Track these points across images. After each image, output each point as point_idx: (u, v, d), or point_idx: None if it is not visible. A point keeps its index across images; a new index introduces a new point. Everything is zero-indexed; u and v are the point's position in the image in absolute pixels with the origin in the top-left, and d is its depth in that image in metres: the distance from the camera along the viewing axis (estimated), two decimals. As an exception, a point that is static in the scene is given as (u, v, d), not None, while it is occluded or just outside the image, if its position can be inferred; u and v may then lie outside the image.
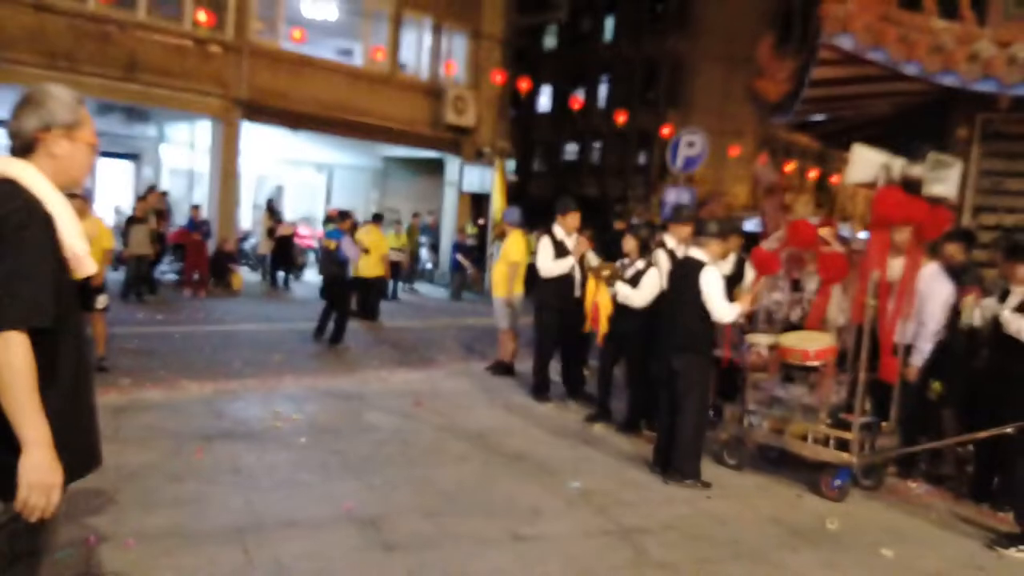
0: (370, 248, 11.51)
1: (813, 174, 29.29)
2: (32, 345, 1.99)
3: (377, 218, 12.81)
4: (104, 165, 18.08)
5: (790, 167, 24.26)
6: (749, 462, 5.93)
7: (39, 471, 1.98)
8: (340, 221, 10.48)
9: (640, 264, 6.66)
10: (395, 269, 15.34)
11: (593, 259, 7.43)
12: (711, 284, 5.39)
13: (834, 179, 26.27)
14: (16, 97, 2.22)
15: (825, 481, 5.38)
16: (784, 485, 5.64)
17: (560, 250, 7.65)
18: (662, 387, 5.65)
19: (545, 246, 7.70)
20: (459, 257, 17.27)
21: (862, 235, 5.99)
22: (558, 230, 7.77)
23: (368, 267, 11.54)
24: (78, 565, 3.59)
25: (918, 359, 5.70)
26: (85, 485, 4.31)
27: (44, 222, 2.08)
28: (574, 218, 7.70)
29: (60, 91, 2.22)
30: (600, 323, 6.82)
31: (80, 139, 2.23)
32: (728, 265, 6.75)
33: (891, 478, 5.87)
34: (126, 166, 19.02)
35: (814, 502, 5.35)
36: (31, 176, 2.12)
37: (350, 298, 10.65)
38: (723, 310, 5.40)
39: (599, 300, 6.82)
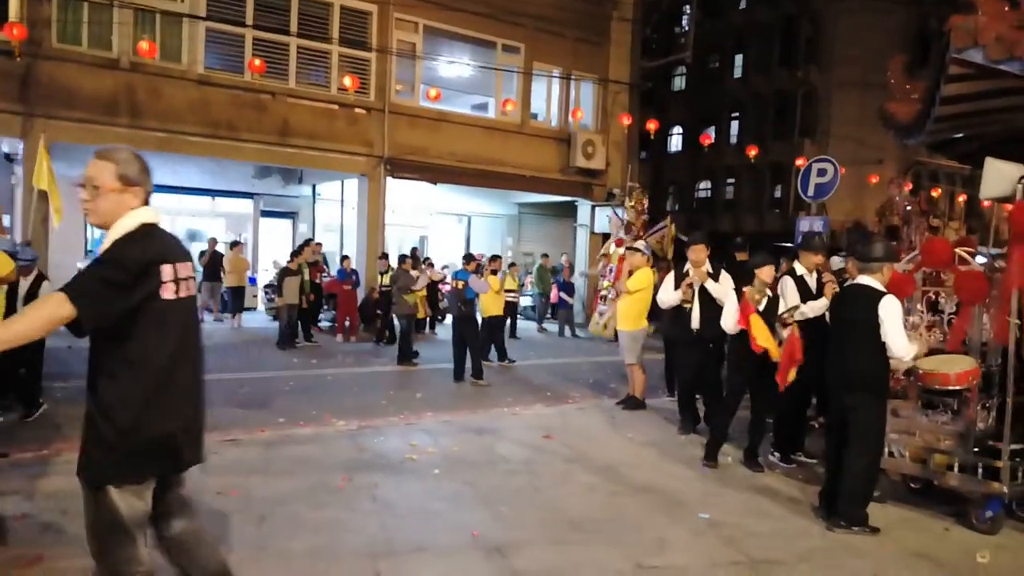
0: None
1: (962, 198, 27.39)
2: None
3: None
4: (265, 224, 19.66)
5: (937, 192, 22.74)
6: (891, 493, 5.64)
7: None
8: (466, 263, 10.99)
9: (769, 293, 6.54)
10: (511, 309, 15.79)
11: (715, 291, 7.34)
12: (892, 316, 4.91)
13: (986, 202, 24.38)
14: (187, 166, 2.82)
15: (975, 513, 5.06)
16: (930, 517, 5.34)
17: (680, 283, 7.71)
18: (830, 428, 5.34)
19: (669, 278, 7.82)
20: (563, 295, 17.50)
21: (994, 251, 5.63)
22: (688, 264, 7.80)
23: (486, 307, 11.84)
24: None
25: None
26: (235, 511, 4.81)
27: None
28: (695, 251, 7.65)
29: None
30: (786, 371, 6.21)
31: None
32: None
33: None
34: (285, 224, 20.59)
35: (963, 535, 5.04)
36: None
37: (479, 334, 11.00)
38: (903, 347, 4.92)
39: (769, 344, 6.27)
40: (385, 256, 14.82)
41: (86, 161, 2.84)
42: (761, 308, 6.35)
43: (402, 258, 12.93)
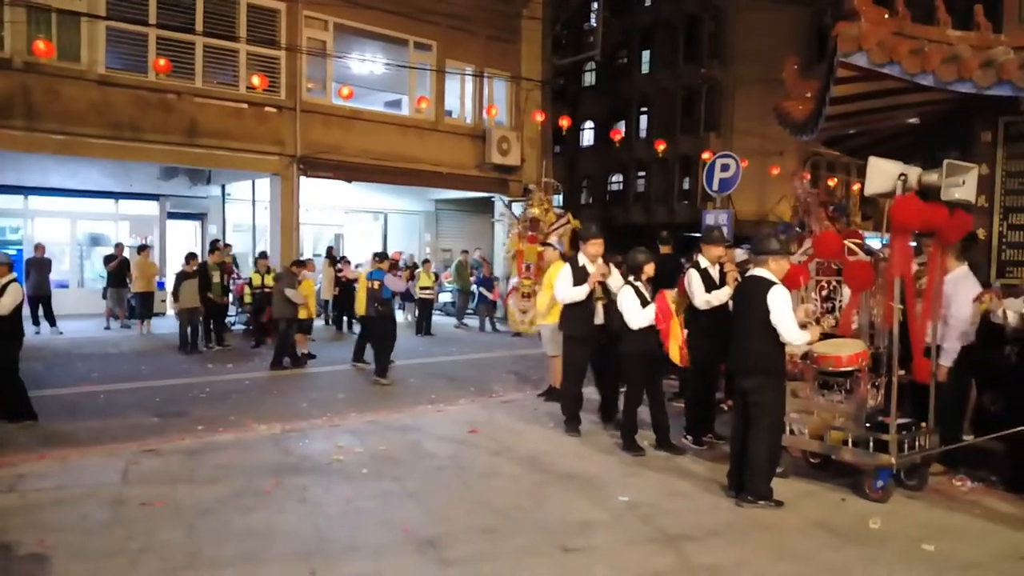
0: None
1: (857, 187, 29.01)
2: None
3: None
4: (173, 226, 19.11)
5: (833, 182, 23.99)
6: (793, 469, 6.05)
7: None
8: (379, 262, 10.87)
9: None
10: (426, 305, 16.40)
11: (615, 285, 7.33)
12: (779, 304, 5.25)
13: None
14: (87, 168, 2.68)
15: (867, 483, 5.50)
16: (828, 489, 5.76)
17: (580, 277, 7.46)
18: (735, 410, 5.72)
19: (565, 273, 7.62)
20: (482, 290, 17.87)
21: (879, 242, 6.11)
22: (581, 257, 7.63)
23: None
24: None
25: (946, 359, 5.83)
26: (162, 520, 4.81)
27: None
28: (595, 245, 7.55)
29: None
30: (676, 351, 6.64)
31: None
32: None
33: (936, 477, 5.93)
34: (193, 225, 20.06)
35: (858, 504, 5.47)
36: None
37: (394, 333, 11.00)
38: (794, 334, 5.28)
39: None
40: (264, 256, 14.64)
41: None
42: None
43: (298, 262, 12.69)
